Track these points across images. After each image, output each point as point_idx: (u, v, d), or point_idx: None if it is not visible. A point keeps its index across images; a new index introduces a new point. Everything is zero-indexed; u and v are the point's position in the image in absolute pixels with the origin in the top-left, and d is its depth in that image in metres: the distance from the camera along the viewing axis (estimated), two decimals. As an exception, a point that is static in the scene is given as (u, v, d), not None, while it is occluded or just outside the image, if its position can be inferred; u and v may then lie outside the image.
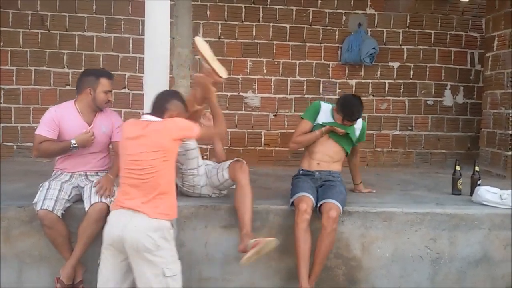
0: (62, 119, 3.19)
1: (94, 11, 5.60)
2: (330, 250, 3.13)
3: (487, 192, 3.48)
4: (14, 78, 5.52)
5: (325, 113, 3.54)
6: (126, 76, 5.64)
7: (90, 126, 3.23)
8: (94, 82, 3.21)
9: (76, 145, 3.13)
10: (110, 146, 3.39)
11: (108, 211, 3.06)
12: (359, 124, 3.61)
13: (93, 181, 3.20)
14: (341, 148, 3.53)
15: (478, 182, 3.70)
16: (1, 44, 5.47)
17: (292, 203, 3.21)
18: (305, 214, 3.06)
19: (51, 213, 2.93)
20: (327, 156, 3.50)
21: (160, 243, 2.40)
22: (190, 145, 3.27)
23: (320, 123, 3.51)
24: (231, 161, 3.33)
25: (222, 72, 3.14)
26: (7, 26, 5.48)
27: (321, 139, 3.49)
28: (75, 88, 3.36)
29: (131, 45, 5.64)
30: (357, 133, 3.60)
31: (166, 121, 2.57)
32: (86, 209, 3.02)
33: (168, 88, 3.34)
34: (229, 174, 3.26)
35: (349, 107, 3.42)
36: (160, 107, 2.63)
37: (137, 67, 5.60)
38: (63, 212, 3.02)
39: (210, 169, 3.43)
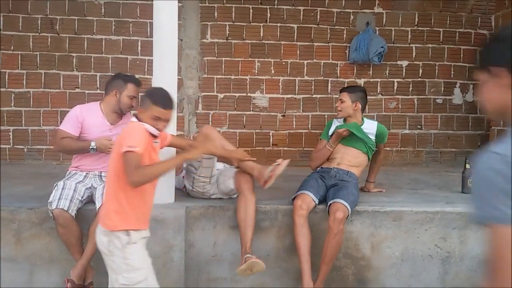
0: (86, 117, 3.30)
1: (102, 14, 5.64)
2: (337, 251, 3.11)
3: (498, 191, 3.45)
4: (24, 81, 5.57)
5: (334, 126, 3.66)
6: (135, 78, 5.67)
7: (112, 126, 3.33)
8: (121, 86, 3.33)
9: (95, 147, 3.18)
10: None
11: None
12: (372, 128, 3.64)
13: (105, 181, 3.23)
14: (358, 151, 3.54)
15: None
16: (12, 48, 5.53)
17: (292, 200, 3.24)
18: (300, 210, 3.09)
19: (66, 212, 2.97)
20: (346, 160, 3.54)
21: (111, 248, 2.38)
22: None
23: (329, 135, 3.63)
24: (236, 169, 3.31)
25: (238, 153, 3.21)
26: (18, 30, 5.54)
27: (336, 147, 3.56)
28: (103, 90, 3.51)
29: (139, 47, 5.67)
30: (372, 137, 3.64)
31: (127, 127, 2.46)
32: (97, 207, 3.05)
33: (176, 90, 3.35)
34: (235, 184, 3.27)
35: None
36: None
37: (145, 69, 5.63)
38: (76, 212, 3.06)
39: (219, 176, 3.41)
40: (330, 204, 3.14)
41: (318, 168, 3.58)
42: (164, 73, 3.25)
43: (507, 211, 1.09)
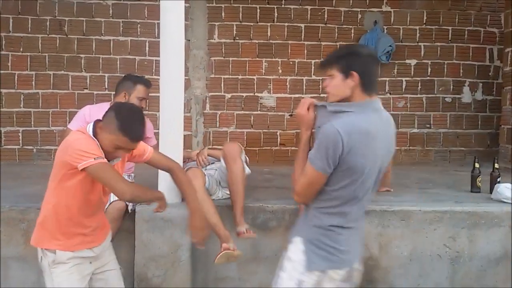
0: (94, 117, 3.27)
1: (110, 15, 5.67)
2: None
3: (507, 190, 3.42)
4: (33, 82, 5.61)
5: None
6: (143, 79, 5.69)
7: None
8: (130, 87, 3.34)
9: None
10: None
11: (126, 211, 3.11)
12: None
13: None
14: None
15: (498, 179, 3.63)
16: (21, 49, 5.57)
17: None
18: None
19: None
20: None
21: (42, 263, 2.23)
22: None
23: None
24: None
25: None
26: (27, 32, 5.58)
27: None
28: (114, 91, 3.53)
29: (147, 48, 5.70)
30: None
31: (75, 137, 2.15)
32: (105, 207, 3.06)
33: (183, 90, 3.35)
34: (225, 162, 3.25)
35: None
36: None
37: (153, 70, 5.65)
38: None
39: (213, 179, 3.40)
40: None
41: None
42: (171, 74, 3.25)
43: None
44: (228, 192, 3.33)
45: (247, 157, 3.45)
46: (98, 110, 3.36)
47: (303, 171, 1.89)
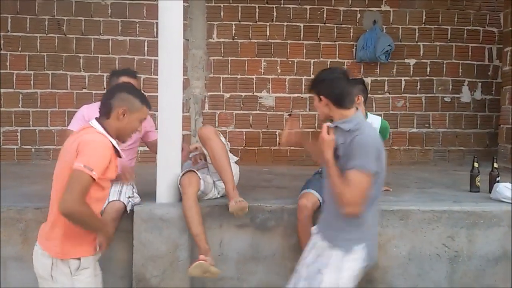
0: (92, 116, 3.29)
1: (109, 14, 5.66)
2: None
3: (506, 189, 3.41)
4: (32, 82, 5.61)
5: None
6: (142, 79, 5.68)
7: None
8: (114, 81, 3.37)
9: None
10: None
11: (125, 211, 3.11)
12: (376, 123, 3.54)
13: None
14: None
15: (497, 179, 3.63)
16: (19, 49, 5.57)
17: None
18: (304, 210, 3.06)
19: None
20: None
21: (54, 274, 2.12)
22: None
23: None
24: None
25: None
26: (25, 31, 5.58)
27: None
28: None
29: (146, 48, 5.69)
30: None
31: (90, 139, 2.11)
32: (103, 207, 3.05)
33: (181, 90, 3.35)
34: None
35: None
36: (105, 104, 2.21)
37: (152, 69, 5.65)
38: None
39: (208, 178, 3.38)
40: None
41: (320, 169, 3.52)
42: (170, 73, 3.25)
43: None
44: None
45: (228, 143, 3.43)
46: (95, 109, 3.36)
47: (348, 184, 2.12)
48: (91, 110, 3.37)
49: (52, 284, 2.12)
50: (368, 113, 3.62)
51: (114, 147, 2.16)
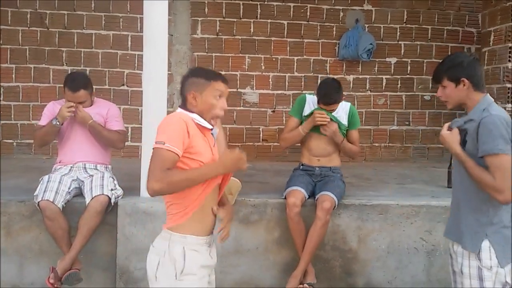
0: (57, 111, 3.32)
1: (92, 9, 5.63)
2: (320, 241, 3.19)
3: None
4: (13, 75, 5.55)
5: (310, 105, 3.46)
6: (125, 73, 5.68)
7: None
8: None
9: (56, 118, 3.25)
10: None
11: (109, 204, 3.13)
12: (343, 110, 3.45)
13: (92, 175, 3.26)
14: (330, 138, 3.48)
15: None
16: (1, 42, 5.51)
17: (285, 197, 3.27)
18: (294, 208, 3.13)
19: (52, 204, 2.99)
20: (324, 150, 3.45)
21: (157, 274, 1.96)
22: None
23: (305, 115, 3.46)
24: None
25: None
26: (7, 24, 5.51)
27: (313, 136, 3.43)
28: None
29: (129, 42, 5.67)
30: (344, 119, 3.44)
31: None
32: (87, 202, 3.07)
33: (166, 85, 3.37)
34: None
35: (323, 89, 3.38)
36: (181, 95, 2.09)
37: (136, 64, 5.63)
38: (64, 205, 3.08)
39: None
40: (318, 197, 3.20)
41: (302, 166, 3.54)
42: (154, 69, 3.27)
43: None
44: None
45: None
46: (60, 105, 3.38)
47: (492, 170, 1.99)
48: (59, 105, 3.38)
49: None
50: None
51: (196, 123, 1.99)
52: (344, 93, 5.07)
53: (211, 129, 2.04)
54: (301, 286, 3.14)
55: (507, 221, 2.08)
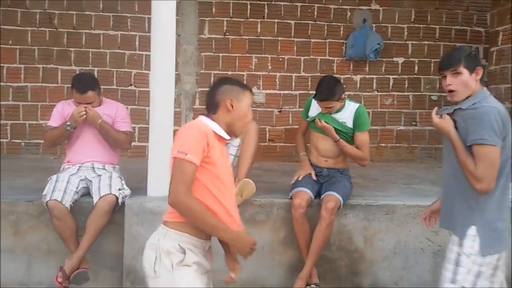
0: (67, 112, 3.37)
1: (101, 9, 5.67)
2: (326, 241, 3.20)
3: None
4: (22, 76, 5.59)
5: (314, 106, 3.44)
6: (133, 73, 5.71)
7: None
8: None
9: (70, 123, 3.27)
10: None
11: (117, 204, 3.15)
12: (349, 111, 3.37)
13: (100, 175, 3.28)
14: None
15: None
16: (10, 42, 5.55)
17: (291, 197, 3.28)
18: (299, 209, 3.14)
19: (60, 203, 3.02)
20: (332, 152, 3.44)
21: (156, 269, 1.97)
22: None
23: (309, 117, 3.48)
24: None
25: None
26: (16, 25, 5.56)
27: (320, 136, 3.43)
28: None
29: (137, 43, 5.70)
30: (350, 120, 3.36)
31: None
32: (95, 201, 3.09)
33: (173, 85, 3.38)
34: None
35: (318, 86, 3.32)
36: (210, 102, 2.08)
37: (143, 64, 5.66)
38: (72, 204, 3.10)
39: None
40: (323, 197, 3.20)
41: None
42: (161, 69, 3.29)
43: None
44: None
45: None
46: (72, 105, 3.41)
47: (476, 159, 2.02)
48: (68, 106, 3.41)
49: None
50: (346, 102, 3.43)
51: (215, 133, 2.00)
52: (351, 93, 5.11)
53: (227, 140, 2.05)
54: (308, 287, 3.14)
55: (502, 213, 2.10)
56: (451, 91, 2.17)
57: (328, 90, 3.27)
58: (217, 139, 1.98)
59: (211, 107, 2.06)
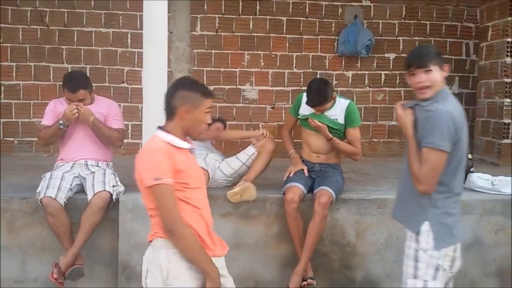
0: (59, 110, 3.38)
1: (92, 6, 5.65)
2: (320, 236, 3.23)
3: (479, 179, 3.56)
4: (14, 74, 5.58)
5: (304, 104, 3.47)
6: (125, 71, 5.70)
7: None
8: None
9: (63, 122, 3.28)
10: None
11: (111, 200, 3.16)
12: (340, 108, 3.41)
13: (94, 172, 3.30)
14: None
15: (471, 169, 3.77)
16: (1, 40, 5.53)
17: (284, 193, 3.31)
18: (291, 204, 3.18)
19: (54, 200, 3.03)
20: (323, 149, 3.48)
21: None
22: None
23: (300, 115, 3.52)
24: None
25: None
26: (7, 22, 5.53)
27: (311, 133, 3.46)
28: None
29: (129, 40, 5.70)
30: (341, 117, 3.40)
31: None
32: (89, 198, 3.11)
33: (166, 82, 3.40)
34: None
35: (308, 92, 3.37)
36: (167, 106, 2.07)
37: (135, 62, 5.66)
38: (66, 201, 3.11)
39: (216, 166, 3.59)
40: (316, 192, 3.24)
41: (302, 161, 3.56)
42: (154, 66, 3.30)
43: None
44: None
45: None
46: (62, 103, 3.42)
47: (421, 161, 2.11)
48: (60, 104, 3.42)
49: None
50: (337, 98, 3.48)
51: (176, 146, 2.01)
52: (343, 89, 5.15)
53: (190, 149, 2.07)
54: (305, 283, 3.17)
55: (451, 208, 2.18)
56: (422, 88, 2.21)
57: (320, 96, 3.33)
58: (178, 149, 2.00)
59: (168, 112, 2.06)
